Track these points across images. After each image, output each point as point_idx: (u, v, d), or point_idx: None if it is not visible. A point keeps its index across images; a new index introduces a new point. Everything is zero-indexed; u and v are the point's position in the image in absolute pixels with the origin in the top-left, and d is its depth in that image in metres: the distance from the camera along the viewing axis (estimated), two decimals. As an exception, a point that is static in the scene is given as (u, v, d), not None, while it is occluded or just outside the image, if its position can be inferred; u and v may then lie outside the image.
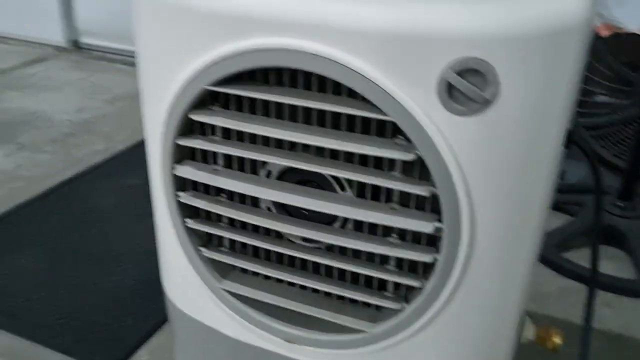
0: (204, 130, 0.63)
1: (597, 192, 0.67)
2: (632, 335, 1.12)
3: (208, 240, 0.69)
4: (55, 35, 2.81)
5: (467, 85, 0.48)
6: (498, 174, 0.52)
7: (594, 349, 1.08)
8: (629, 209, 1.40)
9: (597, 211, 0.69)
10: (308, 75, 0.56)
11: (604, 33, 1.52)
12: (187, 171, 0.64)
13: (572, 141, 0.57)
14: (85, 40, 2.80)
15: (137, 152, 1.78)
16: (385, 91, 0.50)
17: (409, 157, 0.52)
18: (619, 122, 1.56)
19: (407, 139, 0.54)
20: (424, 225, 0.55)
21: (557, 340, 0.68)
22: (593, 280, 0.69)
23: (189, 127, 0.63)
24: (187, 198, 0.65)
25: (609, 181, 1.50)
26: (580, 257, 1.33)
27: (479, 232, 0.54)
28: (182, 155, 0.65)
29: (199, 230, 0.68)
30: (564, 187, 1.49)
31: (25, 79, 2.42)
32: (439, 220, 0.55)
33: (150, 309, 1.13)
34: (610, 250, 1.36)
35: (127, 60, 2.64)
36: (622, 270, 1.31)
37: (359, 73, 0.50)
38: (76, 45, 2.80)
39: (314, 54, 0.51)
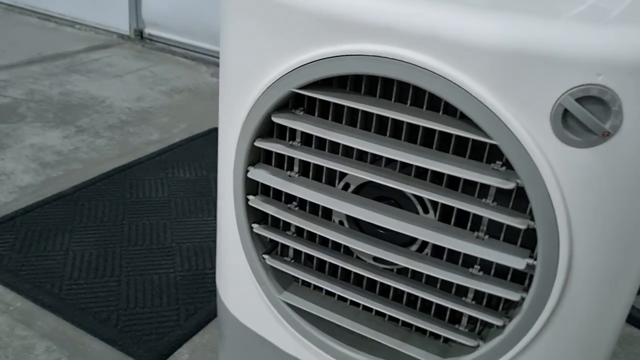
0: (283, 134, 0.61)
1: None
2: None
3: (272, 248, 0.67)
4: (121, 23, 2.86)
5: (587, 115, 0.43)
6: (605, 213, 0.47)
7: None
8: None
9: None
10: (403, 86, 0.53)
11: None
12: (261, 175, 0.61)
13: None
14: (149, 31, 2.84)
15: (191, 146, 1.78)
16: (493, 112, 0.46)
17: (509, 185, 0.48)
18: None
19: (507, 165, 0.50)
20: (515, 261, 0.50)
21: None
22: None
23: (268, 129, 0.60)
24: (256, 202, 0.63)
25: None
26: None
27: (575, 273, 0.50)
28: (257, 158, 0.62)
29: (264, 237, 0.66)
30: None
31: (89, 64, 2.47)
32: (531, 257, 0.51)
33: (195, 307, 1.11)
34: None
35: (188, 53, 2.66)
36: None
37: (465, 90, 0.46)
38: (140, 35, 2.85)
39: (416, 65, 0.48)
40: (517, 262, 0.50)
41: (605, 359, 0.56)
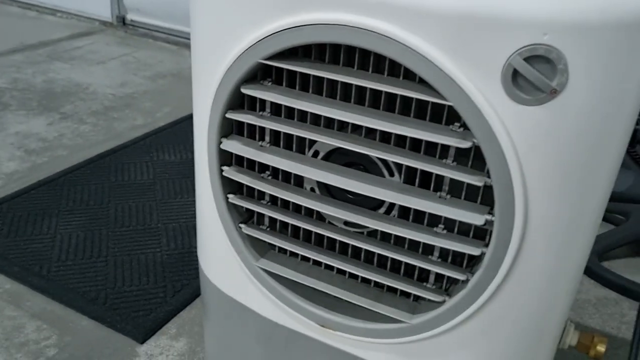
0: (253, 105, 0.63)
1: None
2: (672, 352, 1.08)
3: (248, 218, 0.69)
4: (103, 10, 2.85)
5: (535, 73, 0.46)
6: (557, 168, 0.50)
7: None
8: (676, 222, 1.34)
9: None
10: (365, 53, 0.55)
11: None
12: (234, 146, 0.63)
13: (639, 141, 0.54)
14: (131, 17, 2.83)
15: (176, 130, 1.79)
16: (447, 74, 0.48)
17: (466, 144, 0.50)
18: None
19: (465, 126, 0.52)
20: (475, 217, 0.53)
21: (600, 348, 0.65)
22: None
23: (238, 102, 0.62)
24: (231, 173, 0.65)
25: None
26: (621, 267, 1.29)
27: (531, 227, 0.52)
28: (230, 129, 0.64)
29: (240, 207, 0.68)
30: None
31: (72, 52, 2.46)
32: (490, 213, 0.54)
33: (181, 284, 1.14)
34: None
35: (171, 38, 2.66)
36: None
37: (420, 54, 0.48)
38: (122, 22, 2.84)
39: (373, 32, 0.50)
40: (476, 219, 0.53)
41: (565, 308, 0.59)
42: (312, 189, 0.64)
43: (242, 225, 0.67)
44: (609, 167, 0.52)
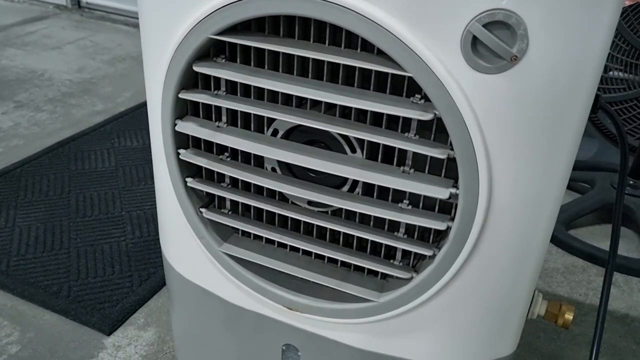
0: (208, 84, 0.60)
1: (622, 172, 0.64)
2: (638, 315, 1.10)
3: (209, 202, 0.67)
4: (57, -7, 2.74)
5: (494, 40, 0.44)
6: (520, 137, 0.49)
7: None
8: (639, 188, 1.36)
9: (620, 193, 0.66)
10: (321, 25, 0.52)
11: (624, 3, 1.46)
12: (189, 127, 0.60)
13: (600, 107, 0.53)
14: (87, -1, 2.73)
15: (137, 115, 1.74)
16: (405, 44, 0.46)
17: (427, 116, 0.49)
18: (633, 99, 1.52)
19: (426, 98, 0.50)
20: (439, 191, 0.51)
21: (568, 316, 0.65)
22: (611, 263, 0.66)
23: (192, 81, 0.59)
24: (188, 155, 0.62)
25: (617, 158, 1.47)
26: (587, 235, 1.31)
27: (496, 198, 0.51)
28: (185, 110, 0.61)
29: (200, 191, 0.66)
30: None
31: (25, 37, 2.36)
32: (455, 186, 0.52)
33: (148, 273, 1.11)
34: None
35: (129, 21, 2.58)
36: (631, 250, 1.28)
37: (377, 23, 0.46)
38: (77, 4, 2.74)
39: (328, 1, 0.47)
40: (441, 192, 0.52)
41: (532, 278, 0.59)
42: (274, 169, 0.62)
43: (202, 210, 0.65)
44: (572, 134, 0.51)
